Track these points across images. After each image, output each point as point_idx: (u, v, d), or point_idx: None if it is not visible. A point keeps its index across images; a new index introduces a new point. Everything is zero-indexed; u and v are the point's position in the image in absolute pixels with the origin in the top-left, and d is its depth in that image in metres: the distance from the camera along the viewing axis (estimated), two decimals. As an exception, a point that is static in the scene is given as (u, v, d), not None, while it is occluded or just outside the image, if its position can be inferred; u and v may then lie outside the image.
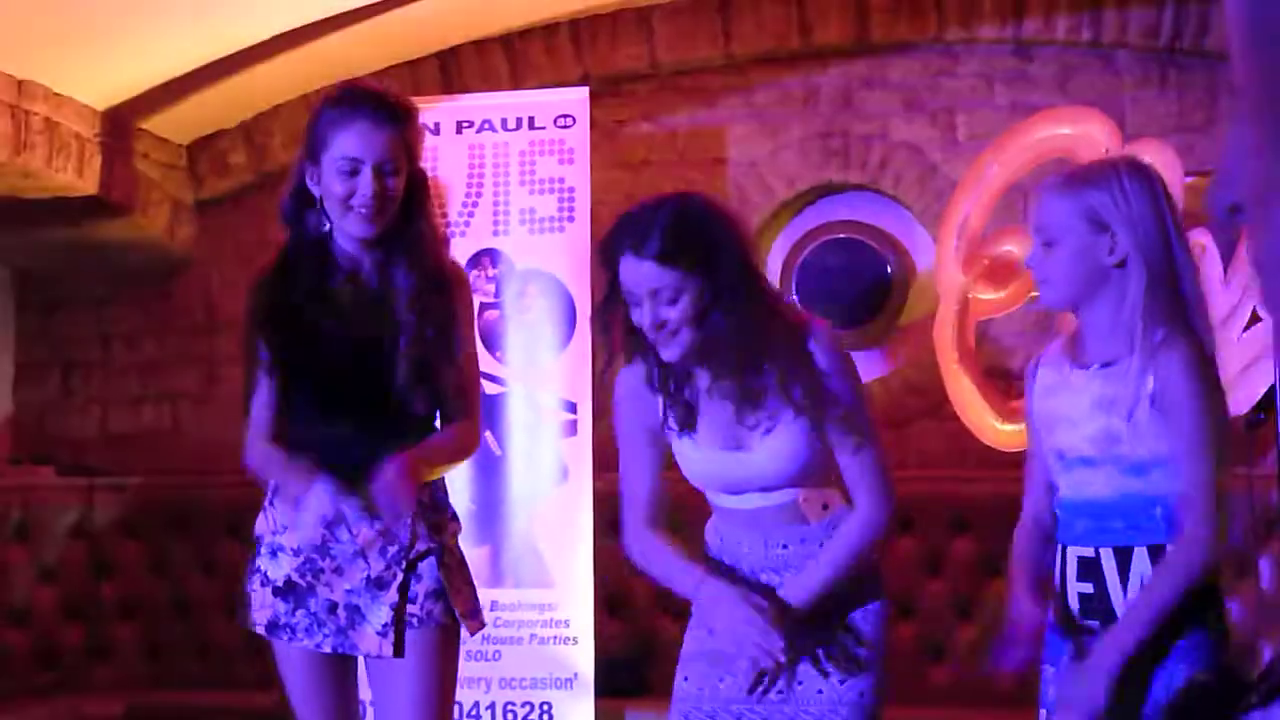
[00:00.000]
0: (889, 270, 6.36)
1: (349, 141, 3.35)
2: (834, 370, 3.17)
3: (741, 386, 3.18)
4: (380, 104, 3.40)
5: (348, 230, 3.40)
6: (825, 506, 3.25)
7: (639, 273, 3.09)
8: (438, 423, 3.49)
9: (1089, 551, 3.00)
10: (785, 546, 3.23)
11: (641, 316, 3.13)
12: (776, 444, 3.19)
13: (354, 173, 3.35)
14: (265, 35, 6.03)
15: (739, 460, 3.21)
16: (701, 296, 3.09)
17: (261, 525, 3.50)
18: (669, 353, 3.15)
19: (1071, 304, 3.09)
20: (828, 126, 6.47)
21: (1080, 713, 2.93)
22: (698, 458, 3.25)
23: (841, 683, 3.20)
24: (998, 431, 5.55)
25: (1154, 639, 2.88)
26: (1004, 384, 5.78)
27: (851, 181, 6.44)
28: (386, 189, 3.37)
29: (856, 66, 6.47)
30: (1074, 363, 3.09)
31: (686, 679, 3.33)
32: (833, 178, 6.45)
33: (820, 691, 3.21)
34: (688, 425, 3.25)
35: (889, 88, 6.45)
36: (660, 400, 3.28)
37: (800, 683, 3.22)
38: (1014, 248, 5.41)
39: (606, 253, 3.15)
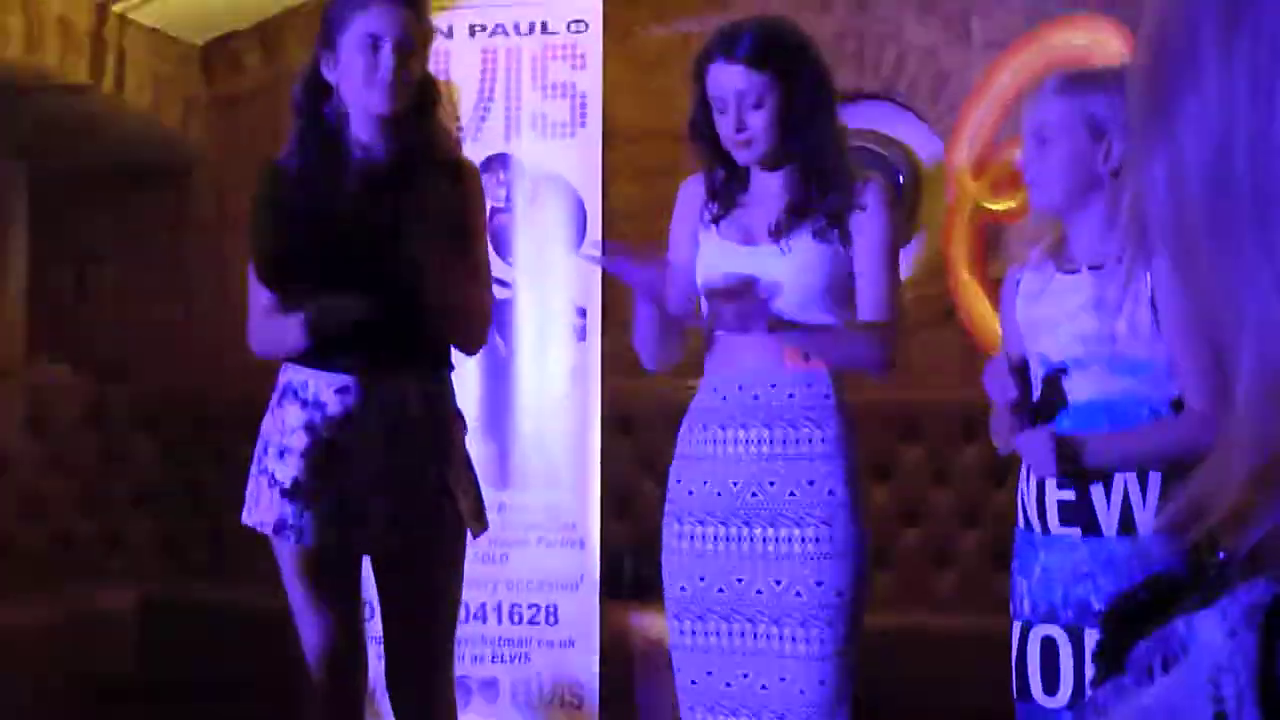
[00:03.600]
0: (900, 179, 6.35)
1: (369, 19, 3.38)
2: (881, 224, 3.31)
3: (798, 197, 3.32)
4: None
5: (368, 106, 3.41)
6: (806, 357, 3.32)
7: (728, 76, 3.26)
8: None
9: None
10: (756, 397, 3.32)
11: (726, 123, 3.27)
12: (802, 255, 3.28)
13: (375, 48, 3.38)
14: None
15: (757, 256, 3.29)
16: (785, 104, 3.24)
17: (269, 425, 3.53)
18: (745, 155, 3.29)
19: (1062, 209, 3.08)
20: (841, 27, 6.43)
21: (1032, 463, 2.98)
22: (733, 253, 3.34)
23: (819, 584, 3.26)
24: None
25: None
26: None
27: (865, 90, 6.41)
28: (407, 67, 3.40)
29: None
30: (1059, 268, 3.09)
31: (683, 589, 3.41)
32: (846, 85, 6.42)
33: (799, 594, 3.27)
34: (723, 215, 3.40)
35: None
36: (712, 195, 3.43)
37: (778, 581, 3.28)
38: (1025, 157, 5.40)
39: (699, 65, 3.36)
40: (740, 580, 3.32)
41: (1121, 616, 0.80)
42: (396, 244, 3.37)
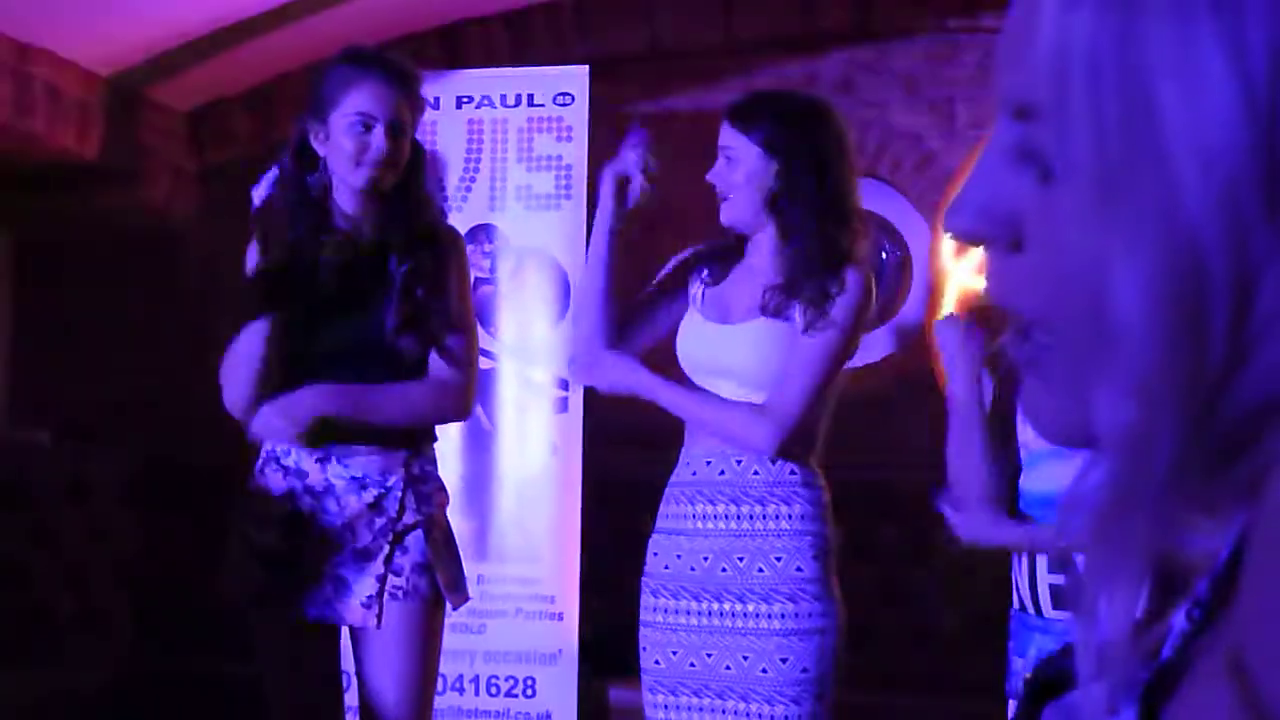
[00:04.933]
0: (884, 257, 6.38)
1: (362, 98, 3.38)
2: (851, 307, 3.31)
3: (781, 271, 3.34)
4: (391, 64, 3.45)
5: (356, 181, 3.41)
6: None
7: (722, 134, 3.31)
8: None
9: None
10: (722, 473, 3.32)
11: (718, 181, 3.31)
12: (768, 332, 3.28)
13: (367, 128, 3.38)
14: (270, 5, 6.04)
15: (728, 334, 3.31)
16: (765, 171, 3.24)
17: (250, 494, 3.52)
18: (723, 215, 3.31)
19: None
20: (827, 111, 6.47)
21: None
22: (707, 331, 3.36)
23: (784, 661, 3.25)
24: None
25: None
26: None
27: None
28: (398, 147, 3.41)
29: (857, 52, 6.48)
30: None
31: (657, 662, 3.41)
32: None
33: (765, 671, 3.27)
34: (711, 286, 3.45)
35: (889, 74, 6.47)
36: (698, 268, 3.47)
37: (746, 658, 3.29)
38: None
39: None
40: (710, 655, 3.32)
41: (1037, 685, 0.80)
42: (379, 314, 3.37)
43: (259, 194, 3.41)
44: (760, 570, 3.30)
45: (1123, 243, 0.66)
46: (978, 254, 5.53)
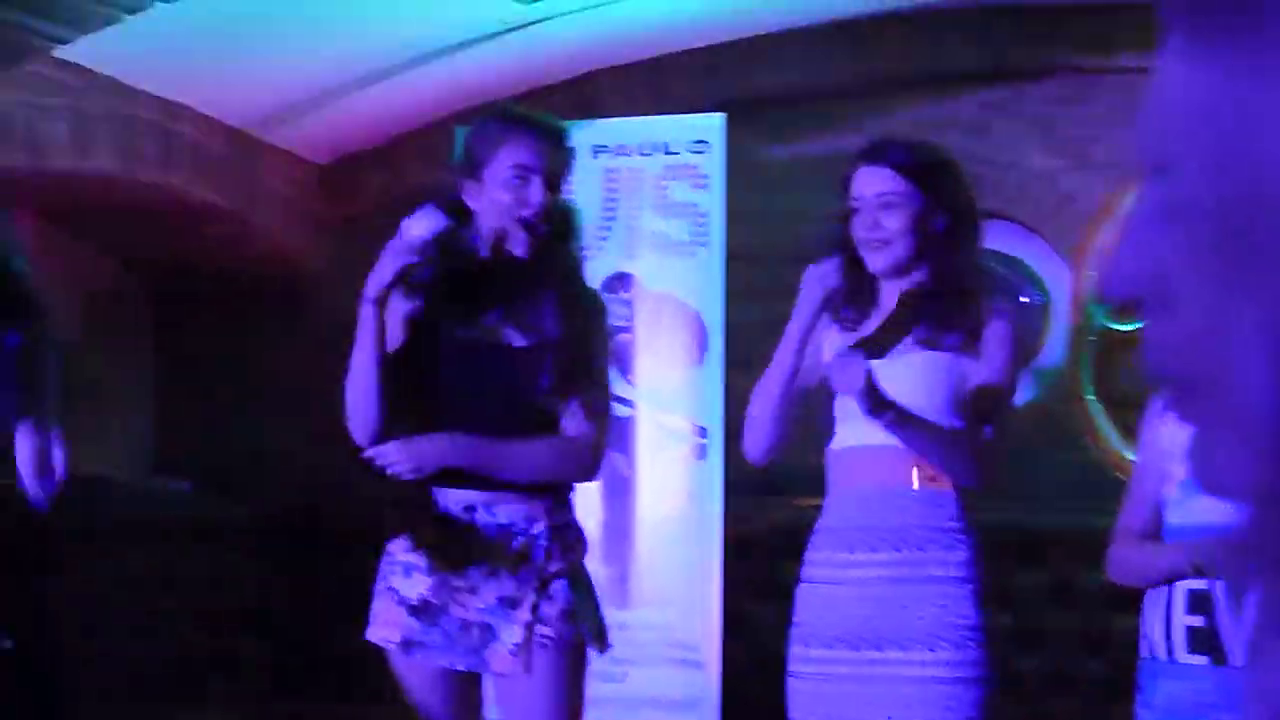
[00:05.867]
0: (1024, 300, 6.32)
1: (519, 152, 3.38)
2: (1006, 355, 3.28)
3: (934, 312, 3.30)
4: (544, 121, 3.47)
5: (510, 241, 3.42)
6: (933, 478, 3.28)
7: (871, 178, 3.25)
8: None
9: (1201, 584, 2.94)
10: (878, 518, 3.26)
11: (861, 225, 3.25)
12: (926, 365, 3.27)
13: (524, 182, 3.38)
14: (402, 59, 6.11)
15: (886, 369, 3.27)
16: (924, 214, 3.22)
17: (395, 543, 3.53)
18: (877, 261, 3.27)
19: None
20: (961, 153, 6.42)
21: None
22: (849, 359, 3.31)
23: (948, 709, 3.21)
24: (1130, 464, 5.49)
25: None
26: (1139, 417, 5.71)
27: (988, 210, 6.39)
28: (553, 200, 3.42)
29: (990, 94, 6.43)
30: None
31: (808, 714, 3.37)
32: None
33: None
34: (851, 320, 3.38)
35: (1023, 115, 6.42)
36: (841, 292, 3.40)
37: (908, 706, 3.24)
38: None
39: (846, 171, 3.38)
40: (869, 706, 3.27)
41: None
42: (525, 370, 3.39)
43: (415, 229, 3.40)
44: (921, 618, 3.25)
45: (1250, 308, 0.65)
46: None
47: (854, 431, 3.33)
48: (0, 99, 5.39)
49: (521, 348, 3.42)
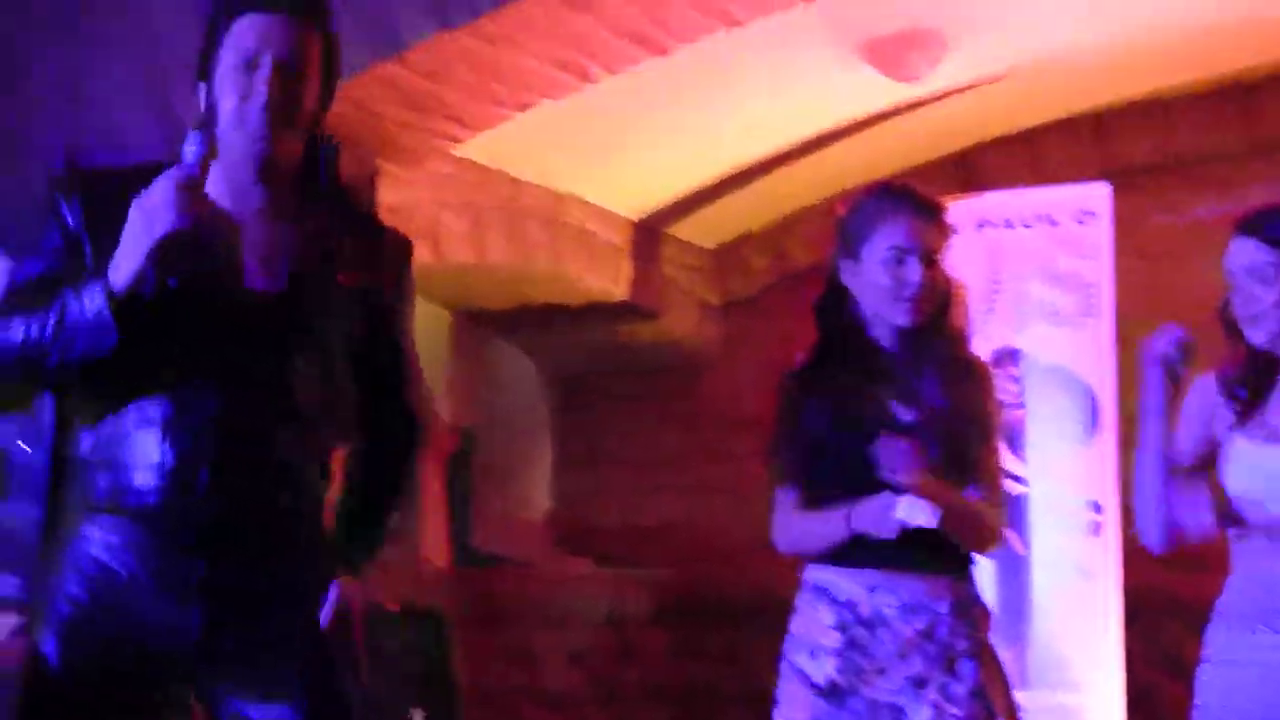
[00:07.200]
0: None
1: (896, 233, 3.41)
2: None
3: None
4: (920, 198, 3.48)
5: (894, 319, 3.44)
6: None
7: (1244, 251, 3.17)
8: None
9: None
10: None
11: (1239, 301, 3.19)
12: None
13: (900, 262, 3.41)
14: (785, 143, 6.21)
15: None
16: None
17: (799, 624, 3.54)
18: (1256, 336, 3.17)
19: None
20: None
21: None
22: (1264, 454, 3.20)
23: None
24: None
25: None
26: None
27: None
28: (932, 277, 3.43)
29: (1393, 150, 6.19)
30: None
31: None
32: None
33: None
34: (1249, 415, 3.24)
35: None
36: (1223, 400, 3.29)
37: None
38: None
39: (1229, 244, 3.26)
40: None
41: None
42: (921, 448, 3.39)
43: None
44: None
45: None
46: None
47: (1255, 514, 3.24)
48: (406, 196, 5.62)
49: (908, 423, 3.44)
